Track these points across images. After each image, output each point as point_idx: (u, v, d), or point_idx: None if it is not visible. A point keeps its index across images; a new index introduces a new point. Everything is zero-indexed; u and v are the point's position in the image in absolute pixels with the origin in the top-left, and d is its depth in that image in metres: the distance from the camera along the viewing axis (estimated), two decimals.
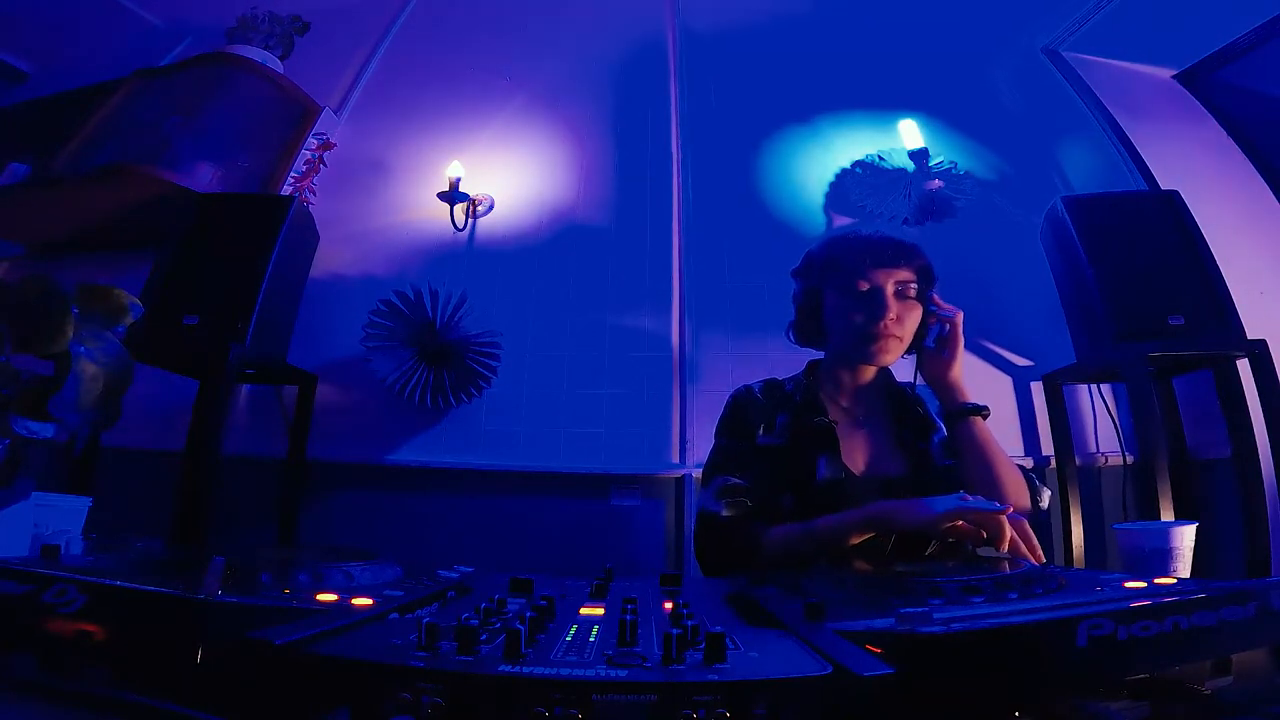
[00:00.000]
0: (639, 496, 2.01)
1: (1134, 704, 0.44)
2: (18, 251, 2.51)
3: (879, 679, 0.36)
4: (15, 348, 0.82)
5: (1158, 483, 1.64)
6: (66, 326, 0.83)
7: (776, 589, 0.66)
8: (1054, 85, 2.45)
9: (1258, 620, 0.47)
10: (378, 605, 0.53)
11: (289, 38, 2.70)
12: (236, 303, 1.83)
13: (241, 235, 1.95)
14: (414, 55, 2.75)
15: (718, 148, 2.45)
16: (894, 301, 1.12)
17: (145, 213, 2.24)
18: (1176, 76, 2.41)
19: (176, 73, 2.45)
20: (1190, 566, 0.92)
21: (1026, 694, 0.43)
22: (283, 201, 2.05)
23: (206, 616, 0.48)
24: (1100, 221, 1.85)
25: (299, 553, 0.86)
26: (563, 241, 2.33)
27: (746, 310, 2.18)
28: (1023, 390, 2.12)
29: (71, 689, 0.45)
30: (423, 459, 2.09)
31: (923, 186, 2.27)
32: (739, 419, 1.21)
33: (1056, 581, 0.62)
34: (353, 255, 2.35)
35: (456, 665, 0.37)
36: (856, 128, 2.45)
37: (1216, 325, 1.70)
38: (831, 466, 1.11)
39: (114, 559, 0.70)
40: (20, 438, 0.82)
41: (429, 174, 2.41)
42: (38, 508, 0.84)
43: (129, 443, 1.92)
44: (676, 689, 0.35)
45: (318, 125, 2.50)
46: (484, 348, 2.05)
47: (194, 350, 1.83)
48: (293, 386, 2.12)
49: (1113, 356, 1.76)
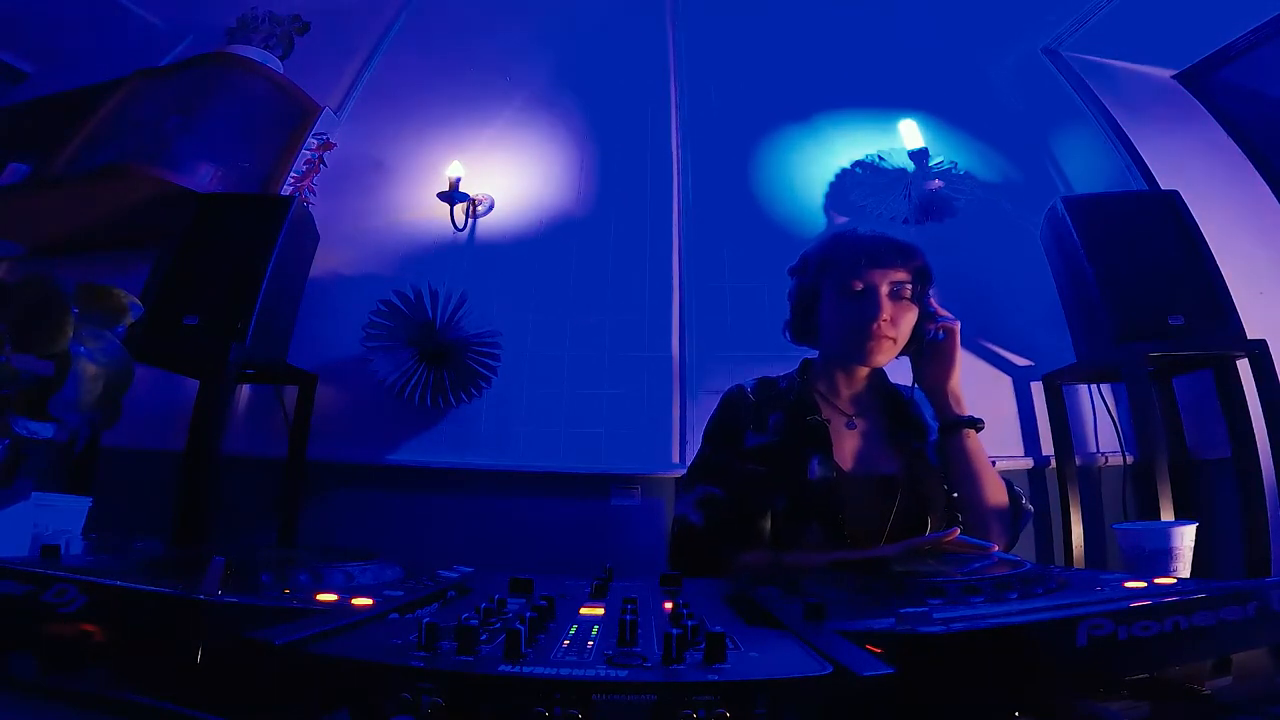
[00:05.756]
0: (639, 496, 2.01)
1: (1134, 704, 0.44)
2: (18, 251, 2.51)
3: (879, 679, 0.36)
4: (15, 348, 0.82)
5: (1158, 483, 1.64)
6: (66, 326, 0.83)
7: (776, 589, 0.66)
8: (1054, 85, 2.45)
9: (1258, 620, 0.47)
10: (378, 605, 0.53)
11: (289, 38, 2.70)
12: (236, 303, 1.83)
13: (241, 235, 1.94)
14: (414, 55, 2.74)
15: (718, 147, 2.45)
16: (888, 302, 1.11)
17: (145, 213, 2.24)
18: (1176, 76, 2.41)
19: (176, 73, 2.45)
20: (1190, 566, 0.92)
21: (1026, 694, 0.43)
22: (283, 201, 2.05)
23: (206, 616, 0.48)
24: (1100, 221, 1.84)
25: (299, 553, 0.86)
26: (563, 241, 2.33)
27: (746, 310, 2.18)
28: (1023, 390, 2.12)
29: (71, 689, 0.45)
30: (423, 459, 2.09)
31: (923, 186, 2.27)
32: (727, 423, 1.21)
33: (1056, 581, 0.62)
34: (353, 255, 2.35)
35: (456, 665, 0.37)
36: (857, 128, 2.44)
37: (1216, 325, 1.70)
38: (824, 466, 1.10)
39: (114, 559, 0.70)
40: (20, 438, 0.82)
41: (429, 174, 2.41)
42: (38, 508, 0.84)
43: (129, 443, 1.92)
44: (676, 689, 0.35)
45: (318, 125, 2.50)
46: (484, 348, 2.05)
47: (194, 350, 1.83)
48: (293, 386, 2.12)
49: (1113, 356, 1.76)
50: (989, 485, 1.09)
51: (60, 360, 0.84)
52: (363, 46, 2.76)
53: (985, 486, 1.08)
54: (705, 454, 1.21)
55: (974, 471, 1.09)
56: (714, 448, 1.20)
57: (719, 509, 1.13)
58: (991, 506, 1.08)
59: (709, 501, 1.14)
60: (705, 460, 1.20)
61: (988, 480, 1.09)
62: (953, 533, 0.90)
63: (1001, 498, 1.10)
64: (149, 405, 1.93)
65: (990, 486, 1.09)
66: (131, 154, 2.19)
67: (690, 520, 1.13)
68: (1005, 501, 1.10)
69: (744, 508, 1.12)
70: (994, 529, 1.08)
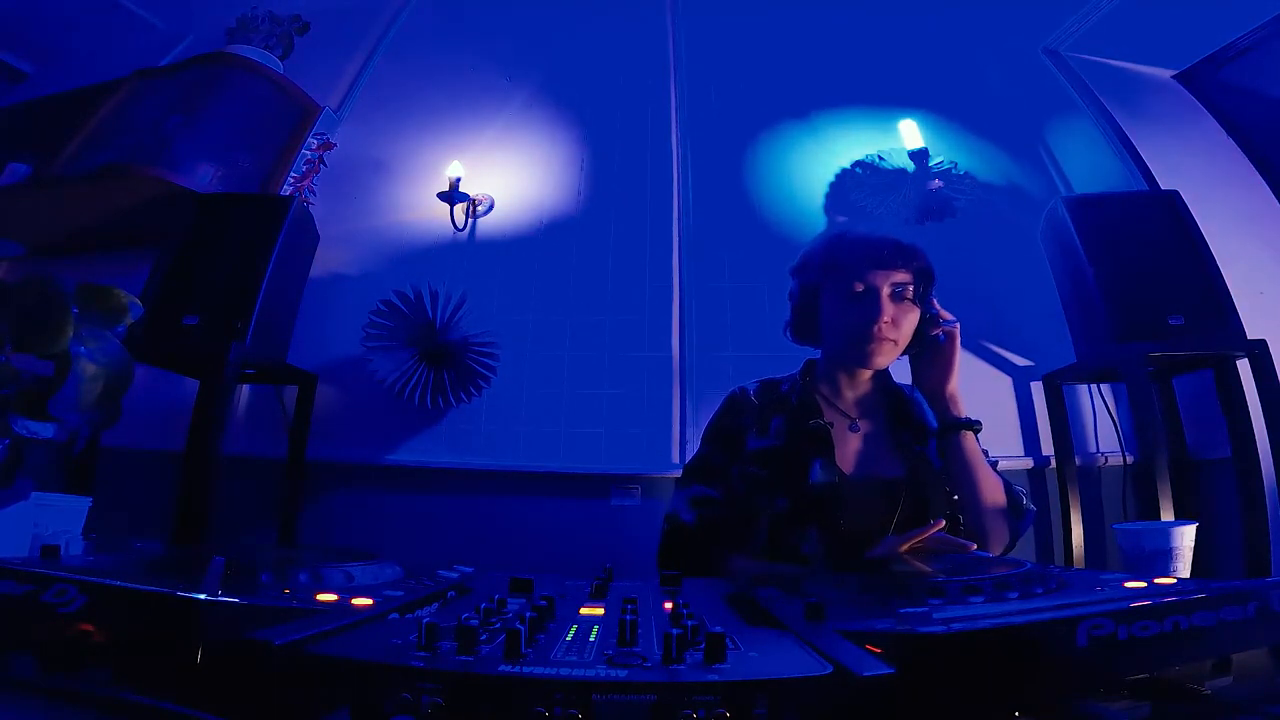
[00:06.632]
0: (639, 497, 2.01)
1: (1134, 704, 0.44)
2: (18, 251, 2.51)
3: (879, 679, 0.36)
4: (15, 348, 0.82)
5: (1158, 483, 1.64)
6: (66, 326, 0.83)
7: (777, 589, 0.66)
8: (1054, 85, 2.45)
9: (1258, 620, 0.47)
10: (378, 605, 0.53)
11: (289, 38, 2.70)
12: (236, 303, 1.83)
13: (241, 235, 1.94)
14: (414, 55, 2.74)
15: (718, 147, 2.45)
16: (889, 304, 1.10)
17: (145, 213, 2.24)
18: (1176, 76, 2.41)
19: (176, 73, 2.45)
20: (1190, 566, 0.92)
21: (1026, 694, 0.43)
22: (283, 201, 2.05)
23: (206, 616, 0.48)
24: (1100, 221, 1.84)
25: (299, 553, 0.86)
26: (563, 241, 2.33)
27: (746, 310, 2.18)
28: (1023, 390, 2.12)
29: (71, 689, 0.45)
30: (423, 459, 2.09)
31: (923, 186, 2.27)
32: (727, 425, 1.20)
33: (1056, 581, 0.62)
34: (353, 255, 2.35)
35: (456, 665, 0.37)
36: (857, 127, 2.44)
37: (1216, 325, 1.70)
38: (826, 470, 1.09)
39: (114, 559, 0.70)
40: (20, 438, 0.82)
41: (429, 174, 2.41)
42: (38, 508, 0.84)
43: (129, 443, 1.92)
44: (676, 689, 0.35)
45: (318, 125, 2.50)
46: (484, 348, 2.05)
47: (194, 350, 1.83)
48: (293, 386, 2.12)
49: (1113, 356, 1.76)
50: (986, 486, 1.09)
51: (60, 360, 0.84)
52: (363, 46, 2.76)
53: (983, 488, 1.08)
54: (703, 454, 1.20)
55: (971, 473, 1.09)
56: (713, 449, 1.20)
57: (712, 510, 1.12)
58: (989, 507, 1.08)
59: (702, 501, 1.14)
60: (703, 461, 1.19)
61: (985, 482, 1.09)
62: (939, 524, 0.90)
63: (1000, 498, 1.10)
64: (149, 405, 1.93)
65: (988, 488, 1.09)
66: (131, 154, 2.19)
67: (682, 519, 1.13)
68: (1003, 502, 1.10)
69: (739, 510, 1.12)
70: (993, 529, 1.08)
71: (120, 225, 2.33)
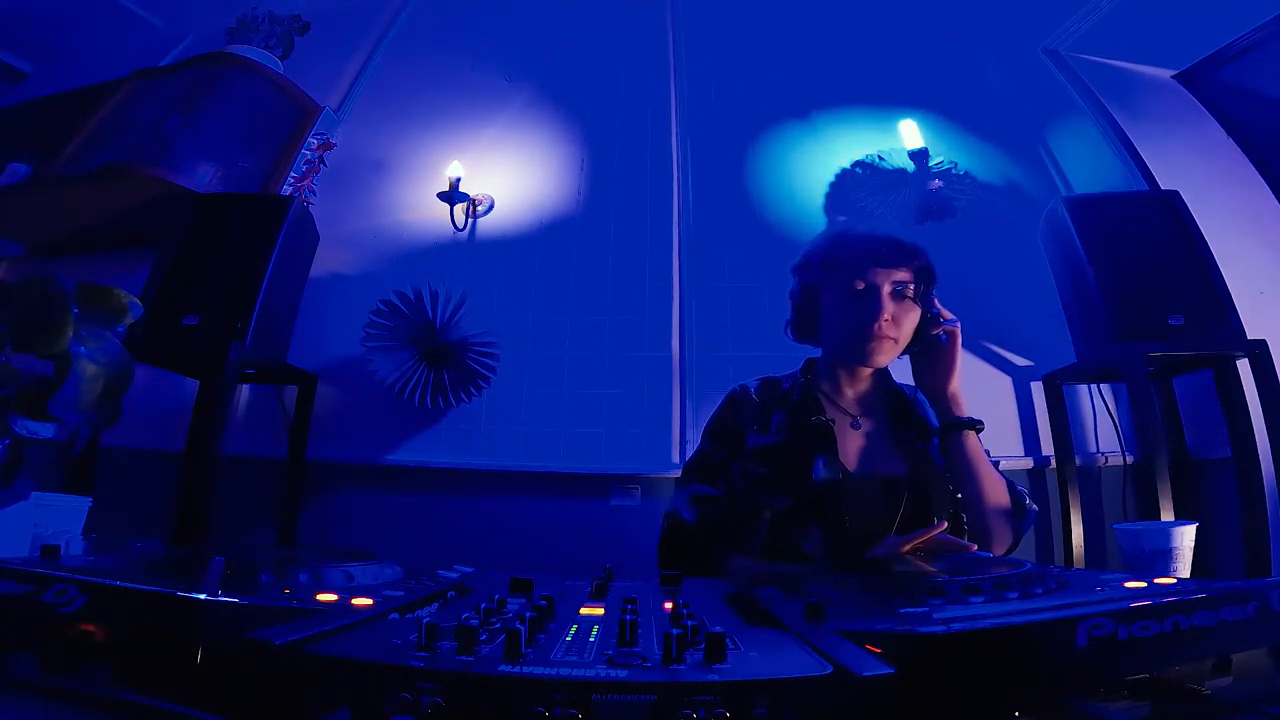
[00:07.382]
0: (639, 497, 2.01)
1: (1134, 704, 0.44)
2: (18, 251, 2.51)
3: (879, 679, 0.36)
4: (15, 348, 0.82)
5: (1158, 483, 1.64)
6: (66, 326, 0.83)
7: (777, 589, 0.66)
8: (1054, 85, 2.45)
9: (1258, 620, 0.47)
10: (377, 605, 0.53)
11: (289, 38, 2.70)
12: (236, 303, 1.83)
13: (241, 235, 1.94)
14: (414, 55, 2.74)
15: (718, 147, 2.45)
16: (890, 302, 1.10)
17: (145, 213, 2.24)
18: (1176, 76, 2.41)
19: (176, 73, 2.45)
20: (1190, 566, 0.92)
21: (1026, 694, 0.43)
22: (283, 201, 2.05)
23: (206, 616, 0.48)
24: (1100, 221, 1.84)
25: (299, 553, 0.86)
26: (562, 241, 2.33)
27: (746, 310, 2.18)
28: (1023, 390, 2.12)
29: (71, 689, 0.45)
30: (423, 459, 2.09)
31: (923, 186, 2.27)
32: (728, 422, 1.20)
33: (1056, 581, 0.62)
34: (353, 255, 2.35)
35: (456, 665, 0.37)
36: (857, 127, 2.44)
37: (1216, 325, 1.70)
38: (829, 466, 1.09)
39: (114, 559, 0.70)
40: (20, 438, 0.82)
41: (429, 174, 2.41)
42: (38, 508, 0.84)
43: (129, 443, 1.92)
44: (676, 689, 0.35)
45: (318, 125, 2.50)
46: (484, 348, 2.05)
47: (194, 350, 1.83)
48: (293, 386, 2.12)
49: (1113, 356, 1.76)
50: (989, 486, 1.09)
51: (60, 360, 0.84)
52: (363, 46, 2.76)
53: (985, 487, 1.08)
54: (704, 452, 1.20)
55: (974, 472, 1.09)
56: (713, 446, 1.19)
57: (712, 508, 1.12)
58: (992, 507, 1.08)
59: (703, 500, 1.14)
60: (703, 459, 1.19)
61: (988, 481, 1.09)
62: (941, 525, 0.90)
63: (1003, 498, 1.10)
64: (149, 405, 1.93)
65: (990, 487, 1.09)
66: (131, 154, 2.19)
67: (682, 517, 1.13)
68: (1006, 501, 1.10)
69: (739, 508, 1.12)
70: (996, 529, 1.08)
71: (120, 225, 2.33)
